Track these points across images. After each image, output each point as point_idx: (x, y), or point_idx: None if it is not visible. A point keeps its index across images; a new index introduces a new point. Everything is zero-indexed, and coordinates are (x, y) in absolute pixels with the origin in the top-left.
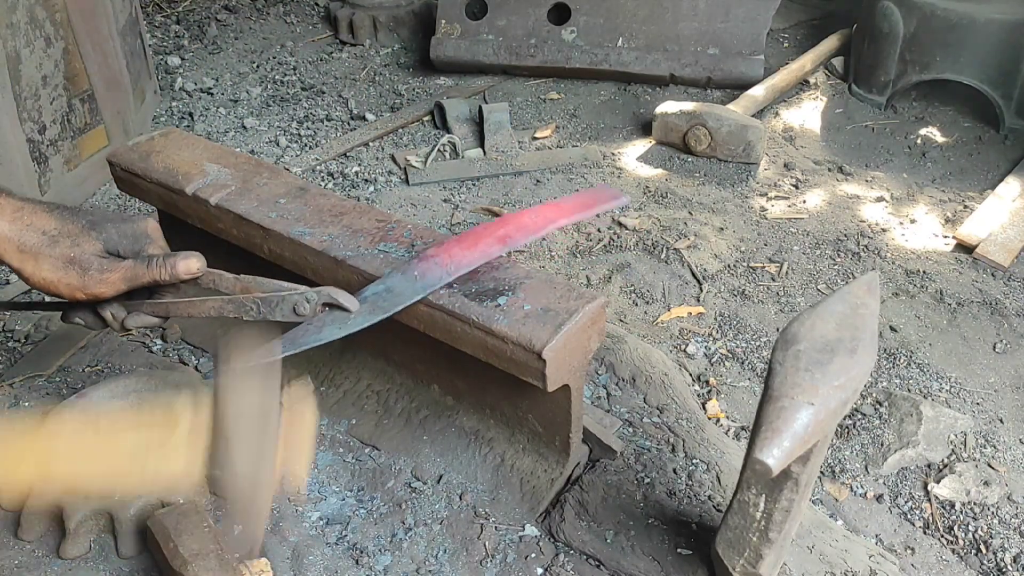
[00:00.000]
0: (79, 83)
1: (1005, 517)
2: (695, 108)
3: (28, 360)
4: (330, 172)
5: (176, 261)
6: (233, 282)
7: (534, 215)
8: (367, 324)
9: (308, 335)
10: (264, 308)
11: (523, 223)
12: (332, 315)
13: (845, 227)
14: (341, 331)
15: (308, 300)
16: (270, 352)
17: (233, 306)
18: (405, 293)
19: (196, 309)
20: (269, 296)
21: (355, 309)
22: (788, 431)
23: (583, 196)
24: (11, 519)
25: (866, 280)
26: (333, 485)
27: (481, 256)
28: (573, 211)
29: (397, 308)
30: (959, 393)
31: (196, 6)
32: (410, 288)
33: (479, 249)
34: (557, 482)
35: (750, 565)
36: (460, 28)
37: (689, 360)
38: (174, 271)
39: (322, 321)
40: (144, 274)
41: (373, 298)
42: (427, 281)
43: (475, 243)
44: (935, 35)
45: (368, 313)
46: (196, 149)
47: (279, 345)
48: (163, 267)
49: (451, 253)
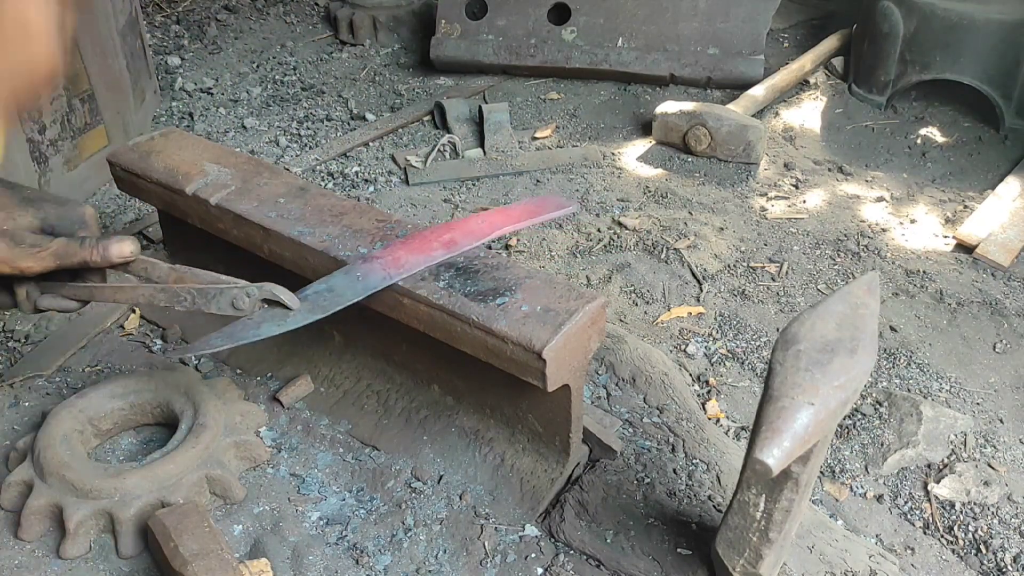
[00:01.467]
0: (79, 83)
1: (1005, 517)
2: (695, 108)
3: (28, 360)
4: (330, 172)
5: (109, 244)
6: (167, 271)
7: (480, 220)
8: (306, 322)
9: (247, 330)
10: (199, 299)
11: (469, 228)
12: (272, 312)
13: (845, 227)
14: (280, 328)
15: (248, 295)
16: (206, 344)
17: (165, 295)
18: (346, 294)
19: (124, 295)
20: (206, 288)
21: (296, 307)
22: (788, 431)
23: (532, 204)
24: (11, 519)
25: (866, 280)
26: (333, 485)
27: (425, 260)
28: (520, 218)
29: (337, 307)
30: (959, 393)
31: (196, 6)
32: (352, 288)
33: (424, 253)
34: (557, 482)
35: (750, 565)
36: (460, 28)
37: (689, 360)
38: (106, 253)
39: (261, 317)
40: (76, 253)
41: (314, 297)
42: (369, 282)
43: (420, 247)
44: (935, 35)
45: (308, 311)
46: (196, 149)
47: (217, 338)
48: (95, 248)
49: (395, 256)
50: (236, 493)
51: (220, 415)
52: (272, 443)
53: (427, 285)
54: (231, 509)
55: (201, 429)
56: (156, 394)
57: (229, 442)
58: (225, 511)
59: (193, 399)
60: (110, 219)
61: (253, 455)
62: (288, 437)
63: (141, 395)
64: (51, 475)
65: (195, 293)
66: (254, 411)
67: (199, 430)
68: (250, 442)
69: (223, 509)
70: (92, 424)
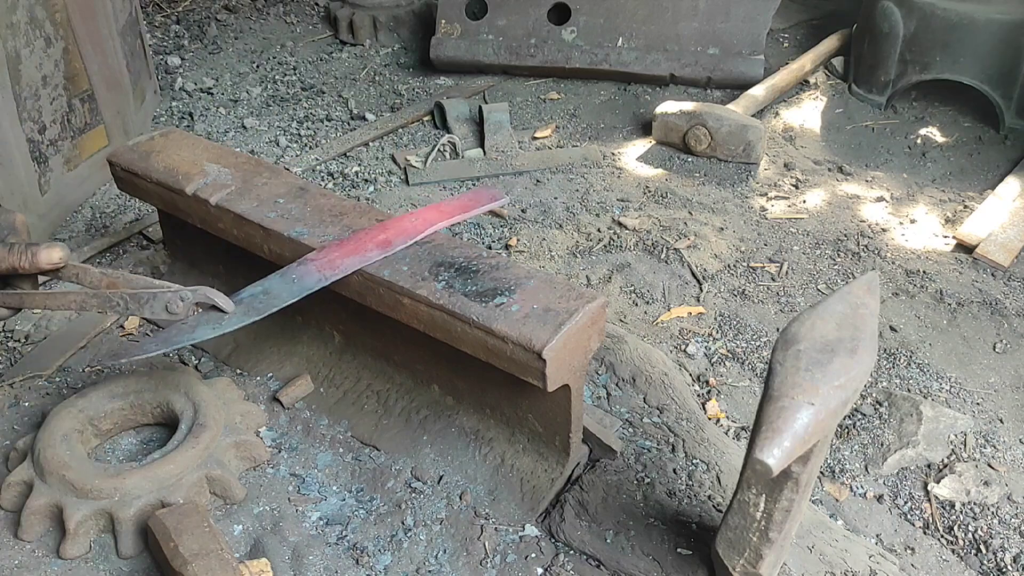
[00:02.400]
0: (79, 83)
1: (1005, 517)
2: (695, 108)
3: (28, 360)
4: (330, 172)
5: (38, 250)
6: (99, 276)
7: (414, 219)
8: (241, 325)
9: (182, 334)
10: (132, 304)
11: (403, 227)
12: (207, 315)
13: (845, 227)
14: (215, 331)
15: (182, 299)
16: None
17: (97, 300)
18: (281, 295)
19: (55, 301)
20: (139, 292)
21: (231, 310)
22: (788, 431)
23: (464, 198)
24: (11, 519)
25: (866, 280)
26: (333, 485)
27: (360, 260)
28: (454, 212)
29: (272, 309)
30: (959, 393)
31: (196, 6)
32: (287, 290)
33: (358, 254)
34: (557, 482)
35: (750, 565)
36: (460, 28)
37: (689, 360)
38: (35, 259)
39: (196, 321)
40: (4, 259)
41: (249, 299)
42: (304, 284)
43: (355, 248)
44: (935, 35)
45: (243, 314)
46: (196, 149)
47: (150, 343)
48: (24, 254)
49: (330, 258)
50: (236, 493)
51: (220, 415)
52: (272, 443)
53: (427, 285)
54: (231, 509)
55: (201, 429)
56: (156, 394)
57: (229, 442)
58: (225, 511)
59: (193, 399)
60: (110, 219)
61: (253, 455)
62: (288, 437)
63: (141, 395)
64: (51, 475)
65: (127, 298)
66: (254, 411)
67: (199, 430)
68: (250, 442)
69: (223, 509)
70: (92, 424)
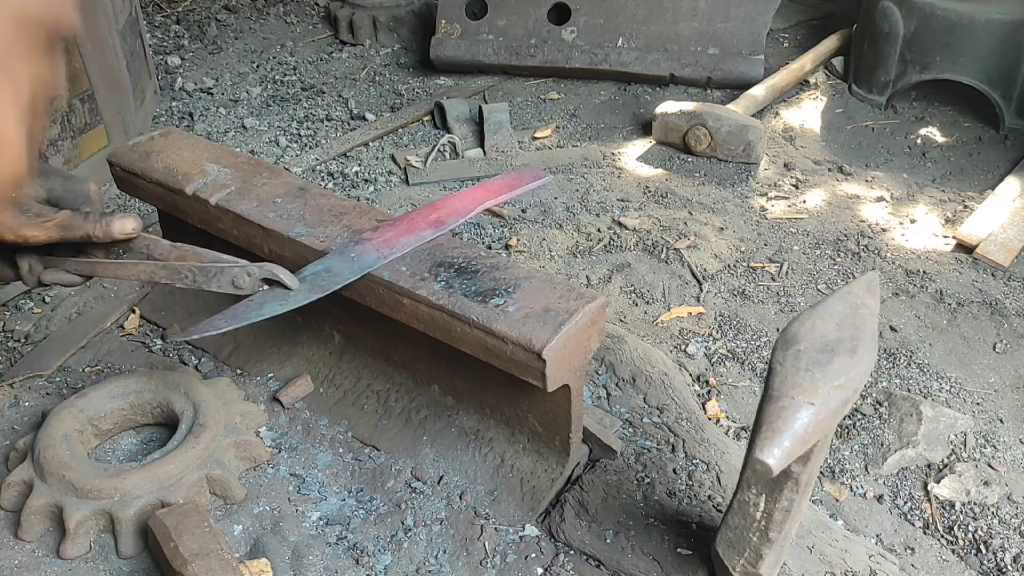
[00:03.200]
0: (79, 83)
1: (1005, 517)
2: (695, 108)
3: (28, 360)
4: (330, 172)
5: (112, 219)
6: (169, 249)
7: (463, 198)
8: (307, 301)
9: (249, 311)
10: (200, 277)
11: (454, 206)
12: (272, 292)
13: (845, 227)
14: (282, 307)
15: (249, 274)
16: (210, 326)
17: (167, 272)
18: (343, 273)
19: (126, 271)
20: (207, 266)
21: (295, 287)
22: (788, 431)
23: (508, 177)
24: (11, 519)
25: (866, 280)
26: (333, 485)
27: (416, 239)
28: (500, 191)
29: (335, 287)
30: (959, 393)
31: (196, 6)
32: (348, 268)
33: (413, 233)
34: (557, 482)
35: (750, 565)
36: (460, 28)
37: (689, 360)
38: (108, 228)
39: (263, 298)
40: (79, 226)
41: (312, 277)
42: (364, 262)
43: (410, 227)
44: (935, 35)
45: (308, 291)
46: (196, 149)
47: (220, 319)
48: (99, 223)
49: (385, 237)
50: (236, 493)
51: (220, 415)
52: (272, 443)
53: (427, 285)
54: (231, 509)
55: (201, 429)
56: (156, 394)
57: (229, 442)
58: (225, 511)
59: (193, 399)
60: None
61: (253, 455)
62: (288, 437)
63: (141, 395)
64: (51, 475)
65: (196, 271)
66: (254, 411)
67: (199, 430)
68: (250, 442)
69: (223, 509)
70: (92, 424)
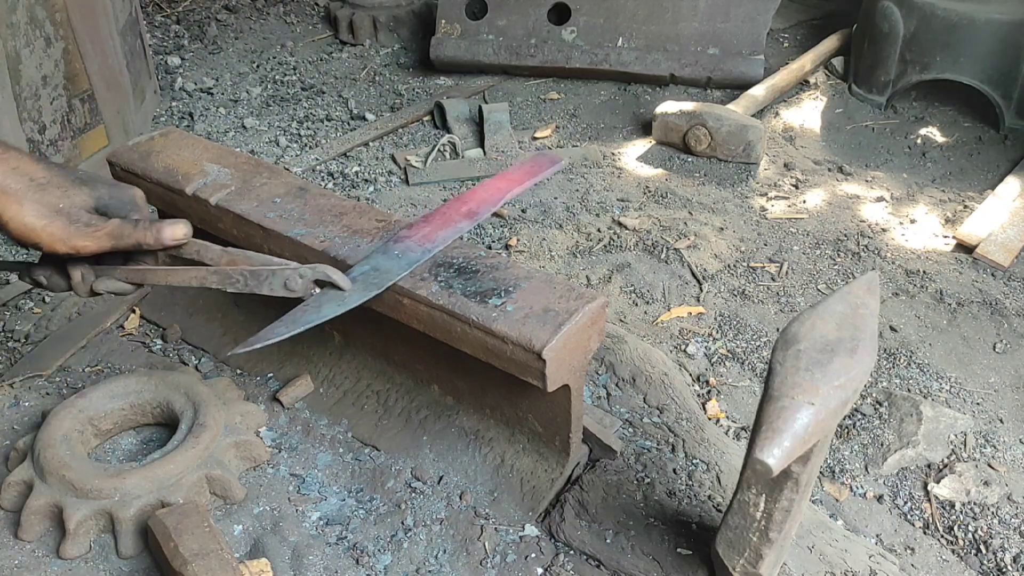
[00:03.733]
0: (79, 83)
1: (1005, 517)
2: (695, 108)
3: (28, 360)
4: (330, 172)
5: (162, 226)
6: (220, 254)
7: (488, 189)
8: (363, 301)
9: (308, 314)
10: (252, 281)
11: (483, 197)
12: (328, 294)
13: (845, 227)
14: (340, 308)
15: (301, 276)
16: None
17: (218, 277)
18: (392, 270)
19: (177, 277)
20: (258, 269)
21: (348, 287)
22: (788, 431)
23: (526, 165)
24: (11, 519)
25: (866, 280)
26: (333, 485)
27: (453, 232)
28: (522, 179)
29: (387, 284)
30: (959, 393)
31: (196, 6)
32: (396, 265)
33: (449, 226)
34: (557, 482)
35: (750, 565)
36: (460, 28)
37: (689, 360)
38: (159, 236)
39: (319, 300)
40: (131, 235)
41: (363, 277)
42: (409, 258)
43: (445, 221)
44: (935, 35)
45: (362, 290)
46: (196, 149)
47: (280, 326)
48: (149, 231)
49: (424, 232)
50: (236, 493)
51: (220, 415)
52: (272, 443)
53: (427, 285)
54: (231, 509)
55: (201, 429)
56: (156, 394)
57: (229, 442)
58: (225, 511)
59: (193, 399)
60: None
61: (253, 455)
62: (288, 437)
63: (141, 395)
64: (51, 475)
65: (247, 275)
66: (254, 411)
67: (199, 430)
68: (250, 442)
69: (223, 509)
70: (92, 424)
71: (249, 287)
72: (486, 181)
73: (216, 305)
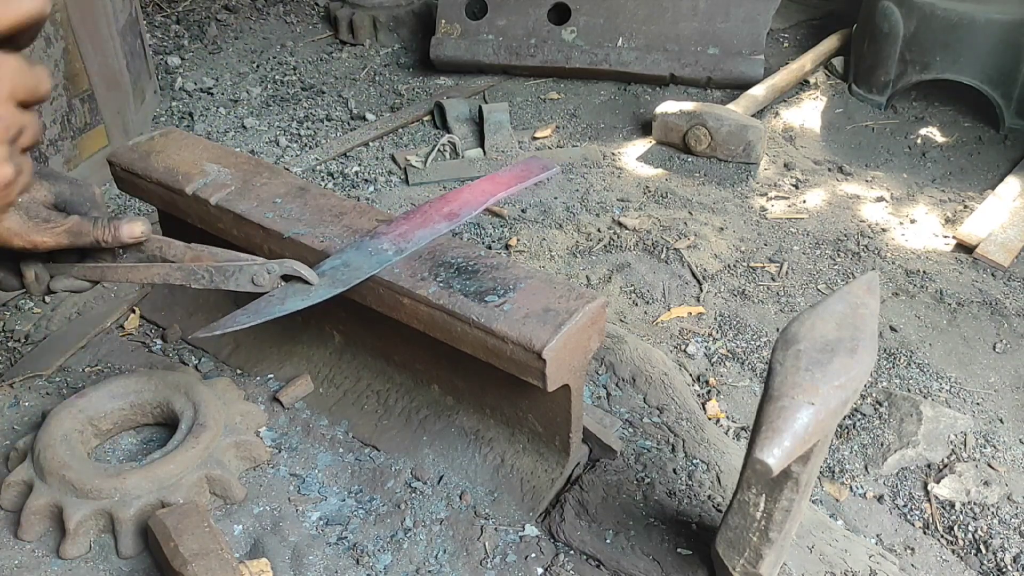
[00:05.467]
0: (79, 83)
1: (1005, 517)
2: (695, 108)
3: (28, 360)
4: (330, 172)
5: (120, 224)
6: (183, 250)
7: (473, 190)
8: (328, 296)
9: (272, 306)
10: (217, 277)
11: (466, 199)
12: (294, 287)
13: (845, 227)
14: (304, 302)
15: (268, 272)
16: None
17: (182, 273)
18: (362, 267)
19: (137, 275)
20: (224, 265)
21: (316, 282)
22: (788, 431)
23: (517, 168)
24: (11, 519)
25: (866, 280)
26: (333, 485)
27: (431, 232)
28: (510, 183)
29: (355, 281)
30: (959, 393)
31: (196, 6)
32: (367, 263)
33: (428, 226)
34: (557, 482)
35: (750, 565)
36: (460, 28)
37: (689, 360)
38: (117, 233)
39: (284, 293)
40: (89, 232)
41: (331, 272)
42: (382, 256)
43: (424, 221)
44: (935, 35)
45: (329, 286)
46: (196, 149)
47: (242, 315)
48: (107, 228)
49: (401, 231)
50: (236, 493)
51: (220, 415)
52: (272, 443)
53: (427, 285)
54: (231, 509)
55: (201, 429)
56: (156, 394)
57: (229, 442)
58: (225, 511)
59: (193, 399)
60: None
61: (253, 455)
62: (288, 437)
63: (141, 395)
64: (51, 475)
65: (213, 271)
66: (254, 411)
67: (199, 430)
68: (250, 442)
69: (223, 509)
70: (92, 424)
71: (215, 283)
72: (472, 183)
73: (216, 305)
